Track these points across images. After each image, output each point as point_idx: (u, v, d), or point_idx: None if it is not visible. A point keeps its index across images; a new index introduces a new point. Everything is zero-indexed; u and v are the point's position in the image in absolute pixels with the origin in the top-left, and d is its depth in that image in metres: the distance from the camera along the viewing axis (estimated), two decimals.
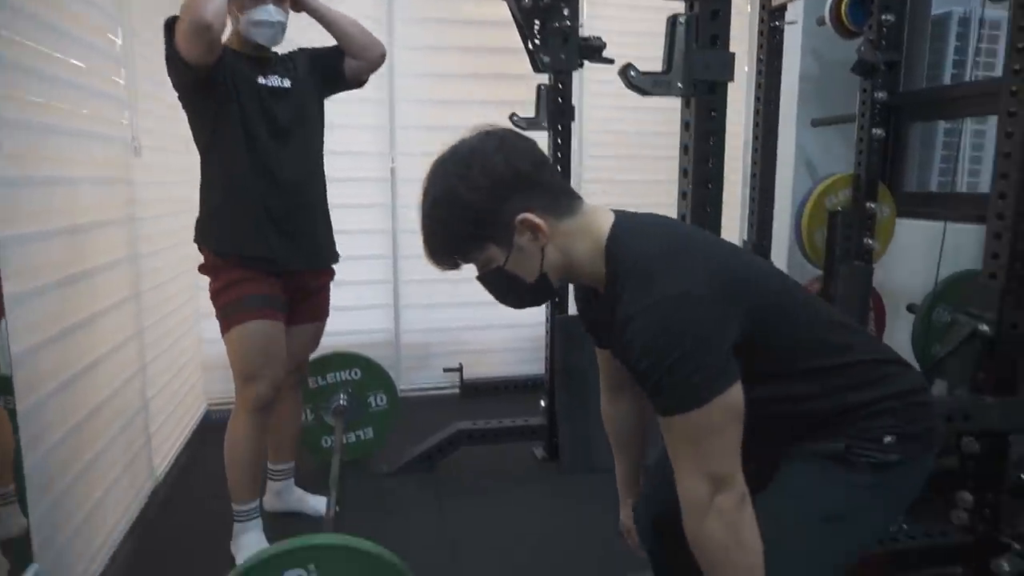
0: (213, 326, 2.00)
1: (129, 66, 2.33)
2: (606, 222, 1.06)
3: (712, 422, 0.93)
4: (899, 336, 2.79)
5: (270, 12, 1.87)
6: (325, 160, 2.12)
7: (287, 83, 1.99)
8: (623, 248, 1.02)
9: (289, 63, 2.04)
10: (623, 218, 1.08)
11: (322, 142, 2.13)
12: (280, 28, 1.92)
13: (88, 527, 1.87)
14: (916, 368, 1.16)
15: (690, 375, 0.92)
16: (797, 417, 1.07)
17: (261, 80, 1.93)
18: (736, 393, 0.95)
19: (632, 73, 1.36)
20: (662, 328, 0.93)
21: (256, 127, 1.92)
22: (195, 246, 1.99)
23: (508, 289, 1.10)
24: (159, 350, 2.60)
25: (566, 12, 2.37)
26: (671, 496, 1.00)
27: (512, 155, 1.01)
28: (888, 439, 1.03)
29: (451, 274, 1.11)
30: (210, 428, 3.06)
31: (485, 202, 1.00)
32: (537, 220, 1.01)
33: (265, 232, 1.94)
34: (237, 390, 1.99)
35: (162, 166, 2.66)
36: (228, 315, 1.94)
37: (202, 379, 3.24)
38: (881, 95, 2.64)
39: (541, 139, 2.59)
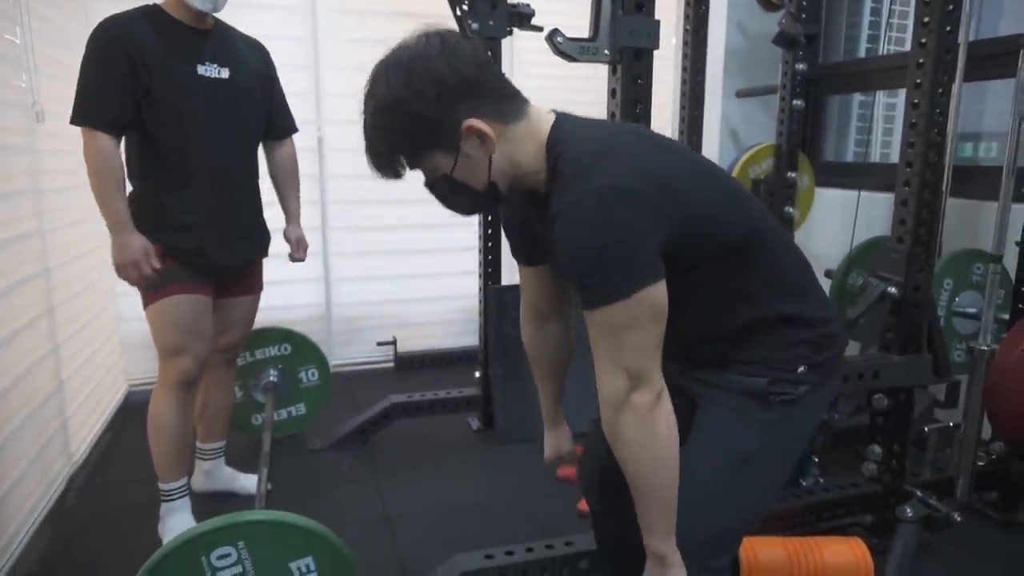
0: (131, 304, 1.92)
1: (24, 23, 2.16)
2: (548, 124, 1.05)
3: (632, 317, 0.94)
4: None
5: None
6: None
7: (225, 73, 1.89)
8: (560, 147, 1.01)
9: (231, 46, 1.93)
10: (563, 119, 1.06)
11: (260, 132, 2.05)
12: None
13: None
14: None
15: (613, 268, 0.92)
16: (727, 323, 1.09)
17: (201, 70, 1.84)
18: (659, 291, 0.95)
19: (559, 39, 1.36)
20: (589, 219, 0.93)
21: (188, 119, 1.82)
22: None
23: (455, 196, 1.07)
24: (73, 329, 2.46)
25: None
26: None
27: (455, 59, 0.96)
28: (801, 368, 1.08)
29: (384, 246, 1.08)
30: (132, 409, 2.94)
31: (430, 110, 0.96)
32: (484, 127, 0.98)
33: (196, 230, 1.86)
34: (160, 366, 1.92)
35: (69, 133, 2.49)
36: (151, 288, 1.86)
37: (122, 359, 3.11)
38: (801, 67, 2.73)
39: None
